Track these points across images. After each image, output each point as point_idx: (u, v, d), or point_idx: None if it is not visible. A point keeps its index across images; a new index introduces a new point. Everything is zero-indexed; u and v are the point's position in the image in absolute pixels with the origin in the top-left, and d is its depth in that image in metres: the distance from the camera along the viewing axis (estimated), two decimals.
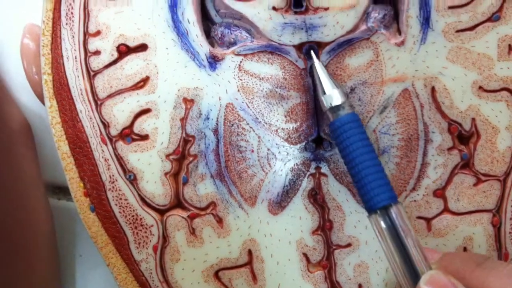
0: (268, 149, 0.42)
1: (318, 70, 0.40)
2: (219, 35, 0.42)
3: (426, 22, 0.41)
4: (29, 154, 0.43)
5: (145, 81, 0.41)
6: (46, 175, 0.50)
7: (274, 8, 0.40)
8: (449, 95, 0.41)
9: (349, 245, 0.42)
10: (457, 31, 0.41)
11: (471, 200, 0.41)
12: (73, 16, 0.41)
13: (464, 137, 0.41)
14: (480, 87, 0.41)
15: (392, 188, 0.38)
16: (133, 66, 0.41)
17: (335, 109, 0.38)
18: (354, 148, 0.38)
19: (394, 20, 0.42)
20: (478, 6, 0.41)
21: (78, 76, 0.42)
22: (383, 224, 0.37)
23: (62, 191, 0.51)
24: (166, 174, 0.42)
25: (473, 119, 0.41)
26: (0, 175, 0.29)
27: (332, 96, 0.39)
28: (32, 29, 0.45)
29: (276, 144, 0.42)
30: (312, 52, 0.40)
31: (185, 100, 0.42)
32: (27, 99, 0.49)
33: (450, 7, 0.41)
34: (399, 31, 0.42)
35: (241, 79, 0.41)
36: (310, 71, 0.41)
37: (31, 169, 0.43)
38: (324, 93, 0.39)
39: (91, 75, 0.41)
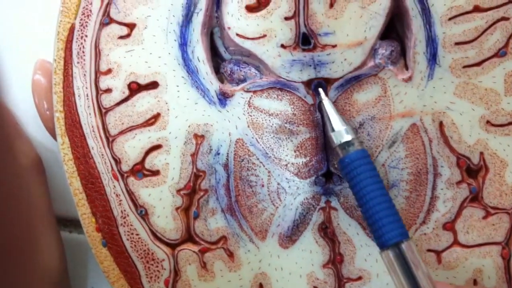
0: (278, 184, 0.41)
1: (327, 106, 0.40)
2: (229, 72, 0.42)
3: (433, 58, 0.41)
4: (40, 189, 0.43)
5: (156, 117, 0.41)
6: (58, 208, 0.49)
7: (282, 46, 0.41)
8: (457, 130, 0.41)
9: (360, 278, 0.42)
10: (464, 66, 0.41)
11: (480, 233, 0.41)
12: (84, 55, 0.41)
13: (472, 170, 0.41)
14: (488, 122, 0.41)
15: (403, 225, 0.38)
16: (144, 103, 0.41)
17: (345, 145, 0.38)
18: (365, 185, 0.38)
19: (401, 56, 0.41)
20: (484, 42, 0.40)
21: (90, 114, 0.42)
22: (394, 260, 0.37)
23: (73, 224, 0.51)
24: (177, 209, 0.41)
25: (481, 153, 0.41)
26: (10, 211, 0.29)
27: (341, 132, 0.39)
28: (43, 65, 0.45)
29: (286, 178, 0.41)
30: (320, 89, 0.40)
31: (196, 136, 0.41)
32: (38, 133, 0.49)
33: (457, 44, 0.41)
34: (406, 67, 0.41)
35: (250, 115, 0.41)
36: (319, 107, 0.41)
37: (42, 204, 0.43)
38: (333, 130, 0.39)
39: (102, 112, 0.42)
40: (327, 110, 0.40)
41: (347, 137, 0.38)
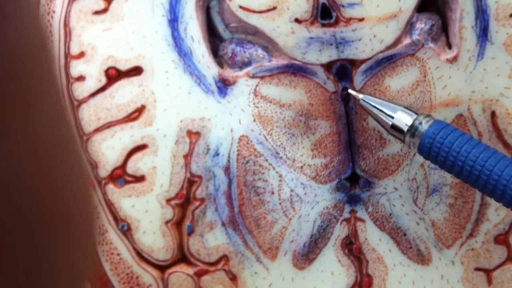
0: (292, 190, 0.40)
1: (369, 103, 0.38)
2: (230, 54, 0.40)
3: (483, 33, 0.39)
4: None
5: (140, 111, 0.40)
6: None
7: (297, 20, 0.39)
8: None
9: None
10: None
11: None
12: (51, 35, 0.40)
13: None
14: None
15: None
16: (125, 93, 0.40)
17: (414, 129, 0.36)
18: (468, 152, 0.35)
19: (442, 31, 0.41)
20: None
21: None
22: None
23: None
24: (167, 222, 0.40)
25: None
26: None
27: (400, 118, 0.37)
28: None
29: (302, 183, 0.40)
30: (351, 91, 0.39)
31: (190, 133, 0.40)
32: None
33: None
34: (449, 45, 0.40)
35: (257, 107, 0.40)
36: (343, 96, 0.39)
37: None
38: (392, 118, 0.37)
39: (74, 105, 0.40)
40: (370, 107, 0.38)
41: (410, 118, 0.37)
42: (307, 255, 0.40)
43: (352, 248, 0.40)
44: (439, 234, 0.39)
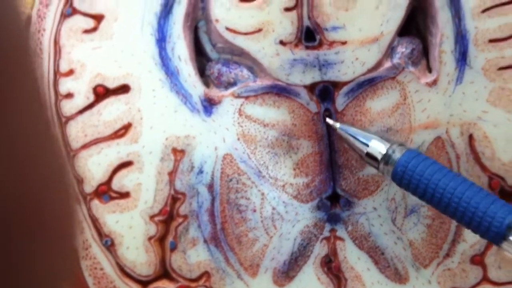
0: (274, 208, 0.40)
1: (346, 132, 0.38)
2: (216, 74, 0.40)
3: (462, 58, 0.39)
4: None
5: (126, 128, 0.40)
6: None
7: (281, 42, 0.39)
8: (490, 144, 0.39)
9: None
10: (500, 68, 0.39)
11: None
12: (41, 53, 0.40)
13: (507, 193, 0.39)
14: None
15: (505, 202, 0.35)
16: (112, 111, 0.40)
17: (387, 157, 0.37)
18: (438, 180, 0.35)
19: (423, 55, 0.40)
20: None
21: None
22: None
23: None
24: (150, 238, 0.40)
25: None
26: None
27: (375, 147, 0.37)
28: None
29: (283, 202, 0.40)
30: (328, 119, 0.39)
31: (175, 150, 0.40)
32: None
33: (491, 41, 0.39)
34: (429, 69, 0.40)
35: (241, 126, 0.40)
36: (324, 118, 0.40)
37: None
38: (368, 151, 0.37)
39: (62, 122, 0.40)
40: (347, 135, 0.38)
41: (384, 146, 0.37)
42: (287, 272, 0.40)
43: (331, 266, 0.40)
44: (416, 254, 0.39)
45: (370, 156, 0.37)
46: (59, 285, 0.22)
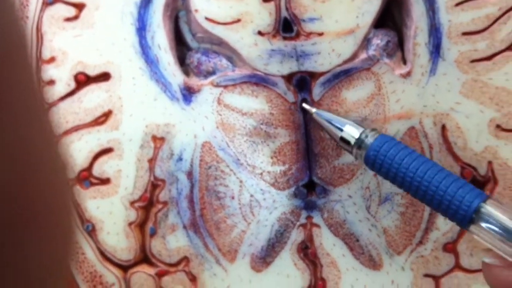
0: (251, 196, 0.40)
1: (321, 117, 0.38)
2: (195, 63, 0.40)
3: (436, 50, 0.39)
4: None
5: (107, 115, 0.40)
6: None
7: (260, 33, 0.39)
8: (463, 135, 0.39)
9: None
10: (472, 61, 0.39)
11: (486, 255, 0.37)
12: (24, 40, 0.38)
13: (479, 182, 0.39)
14: (498, 126, 0.39)
15: (473, 186, 0.34)
16: (93, 98, 0.39)
17: (360, 142, 0.37)
18: (408, 164, 0.35)
19: (398, 47, 0.40)
20: (496, 32, 0.39)
21: None
22: (489, 228, 0.34)
23: None
24: (130, 224, 0.40)
25: (490, 163, 0.39)
26: None
27: (348, 131, 0.37)
28: None
29: (261, 189, 0.40)
30: (305, 104, 0.39)
31: (154, 138, 0.40)
32: None
33: (464, 34, 0.39)
34: (404, 60, 0.40)
35: (220, 114, 0.40)
36: (301, 107, 0.39)
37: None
38: (341, 135, 0.38)
39: (43, 103, 0.38)
40: (322, 120, 0.38)
41: (357, 131, 0.37)
42: (264, 258, 0.40)
43: (308, 253, 0.40)
44: (390, 241, 0.39)
45: (344, 140, 0.37)
46: (57, 284, 0.22)
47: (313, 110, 0.38)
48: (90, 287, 0.39)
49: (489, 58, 0.39)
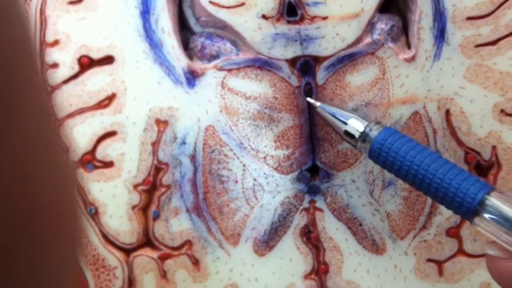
0: (255, 180, 0.40)
1: (326, 111, 0.38)
2: (199, 47, 0.40)
3: (440, 35, 0.39)
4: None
5: (110, 99, 0.39)
6: None
7: (264, 17, 0.39)
8: (467, 120, 0.39)
9: None
10: (477, 45, 0.39)
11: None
12: (28, 23, 0.38)
13: (483, 167, 0.40)
14: (502, 111, 0.39)
15: (478, 177, 0.34)
16: (96, 81, 0.39)
17: (364, 136, 0.36)
18: (413, 157, 0.35)
19: (402, 32, 0.40)
20: (500, 17, 0.39)
21: None
22: (493, 219, 0.33)
23: None
24: (133, 207, 0.39)
25: (494, 147, 0.39)
26: None
27: (353, 125, 0.37)
28: None
29: (264, 173, 0.40)
30: (308, 98, 0.39)
31: (158, 121, 0.39)
32: None
33: (469, 18, 0.39)
34: (408, 45, 0.40)
35: (224, 98, 0.39)
36: (306, 90, 0.39)
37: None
38: (346, 129, 0.37)
39: (48, 91, 0.38)
40: (326, 114, 0.38)
41: (362, 125, 0.36)
42: (267, 242, 0.40)
43: (311, 237, 0.40)
44: (393, 226, 0.39)
45: (348, 134, 0.37)
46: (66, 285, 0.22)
47: (318, 104, 0.38)
48: (93, 270, 0.39)
49: (493, 43, 0.39)
